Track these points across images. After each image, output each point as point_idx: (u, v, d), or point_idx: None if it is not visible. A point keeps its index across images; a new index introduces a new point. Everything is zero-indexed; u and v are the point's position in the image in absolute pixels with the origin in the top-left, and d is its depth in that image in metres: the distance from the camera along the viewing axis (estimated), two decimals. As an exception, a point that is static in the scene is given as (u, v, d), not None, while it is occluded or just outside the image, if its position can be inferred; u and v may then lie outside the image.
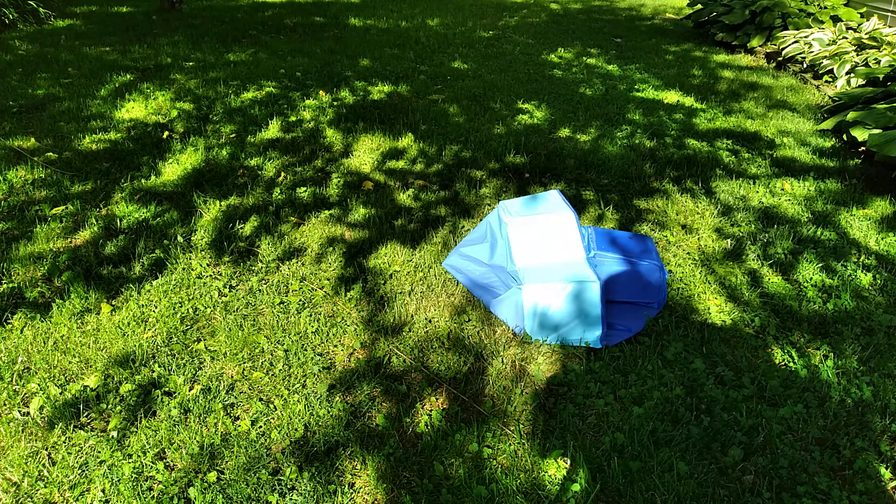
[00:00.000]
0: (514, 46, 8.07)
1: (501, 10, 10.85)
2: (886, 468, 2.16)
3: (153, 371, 2.56)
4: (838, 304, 3.00)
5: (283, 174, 4.23)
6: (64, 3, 10.28)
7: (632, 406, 2.41)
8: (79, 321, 2.84)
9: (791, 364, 2.64)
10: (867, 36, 6.35)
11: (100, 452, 2.20)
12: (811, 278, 3.19)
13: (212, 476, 2.12)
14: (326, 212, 3.77)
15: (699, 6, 8.70)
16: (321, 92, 5.93)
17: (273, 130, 4.98)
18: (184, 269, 3.21)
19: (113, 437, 2.26)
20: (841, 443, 2.26)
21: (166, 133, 4.86)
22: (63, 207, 3.73)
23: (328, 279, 3.17)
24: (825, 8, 7.47)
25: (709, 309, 2.97)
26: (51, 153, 4.45)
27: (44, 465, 2.16)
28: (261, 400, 2.44)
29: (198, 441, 2.25)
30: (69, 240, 3.46)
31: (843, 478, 2.14)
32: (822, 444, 2.27)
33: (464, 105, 5.71)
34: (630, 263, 3.16)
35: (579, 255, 2.93)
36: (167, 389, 2.48)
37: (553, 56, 7.63)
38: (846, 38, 6.51)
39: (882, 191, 4.10)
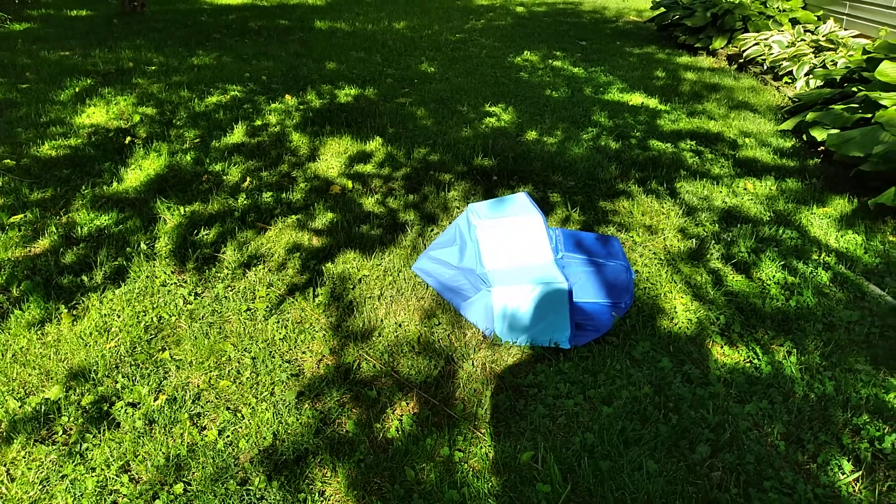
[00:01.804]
0: (481, 49, 8.11)
1: (468, 13, 10.89)
2: (848, 461, 2.20)
3: (116, 382, 2.51)
4: (800, 300, 3.05)
5: (248, 179, 4.18)
6: (20, 5, 10.05)
7: (601, 406, 2.43)
8: (38, 332, 2.77)
9: (756, 361, 2.68)
10: (824, 38, 6.50)
11: (61, 467, 2.14)
12: (774, 276, 3.25)
13: (178, 488, 2.08)
14: (293, 217, 3.74)
15: (662, 9, 8.82)
16: (287, 96, 5.88)
17: (238, 135, 4.93)
18: (147, 276, 3.15)
19: (75, 450, 2.21)
20: (805, 437, 2.30)
21: (128, 138, 4.77)
22: (21, 216, 3.64)
23: (295, 285, 3.14)
24: (784, 11, 7.63)
25: (675, 308, 3.01)
26: (8, 160, 4.34)
27: (2, 481, 2.10)
28: (228, 409, 2.40)
29: (163, 452, 2.21)
30: (28, 248, 3.37)
31: (807, 472, 2.18)
32: (787, 438, 2.31)
33: (431, 108, 5.71)
34: (597, 264, 3.19)
35: (547, 257, 2.94)
36: (131, 400, 2.43)
37: (519, 59, 7.67)
38: (804, 40, 6.66)
39: (841, 189, 4.19)
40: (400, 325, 2.87)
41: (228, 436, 2.29)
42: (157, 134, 4.89)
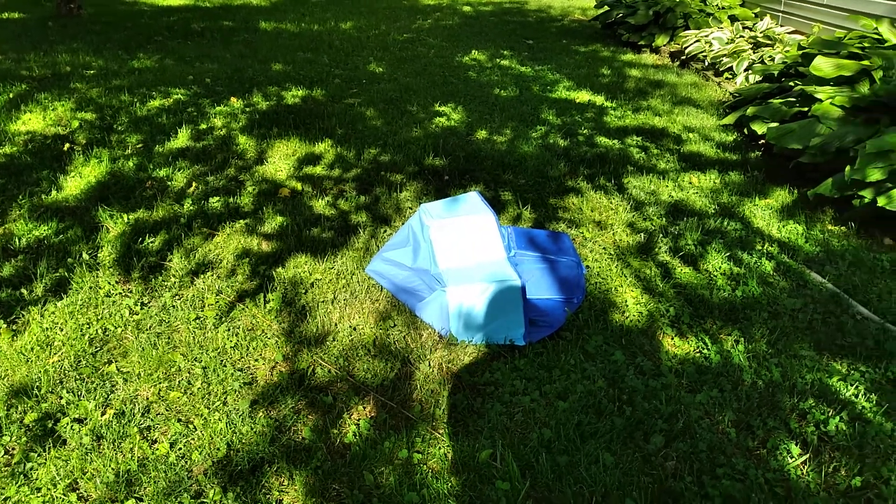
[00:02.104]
0: (429, 49, 8.10)
1: (415, 13, 10.87)
2: (796, 445, 2.27)
3: (61, 397, 2.42)
4: (746, 290, 3.14)
5: (194, 184, 4.09)
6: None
7: (557, 401, 2.45)
8: (-25, 349, 2.65)
9: (705, 350, 2.74)
10: (762, 35, 6.70)
11: (3, 489, 2.06)
12: (720, 267, 3.33)
13: (129, 504, 2.02)
14: (241, 221, 3.67)
15: (606, 7, 8.96)
16: (232, 98, 5.76)
17: (182, 139, 4.81)
18: (90, 287, 3.05)
19: (18, 470, 2.12)
20: (755, 423, 2.36)
21: (67, 145, 4.61)
22: (-47, 228, 3.49)
23: (246, 291, 3.08)
24: (723, 8, 7.84)
25: (626, 301, 3.05)
26: (-63, 170, 4.15)
27: (-60, 507, 2.01)
28: (179, 421, 2.34)
29: (113, 468, 2.14)
30: (-39, 262, 3.23)
31: (757, 457, 2.24)
32: (737, 425, 2.36)
33: (380, 108, 5.68)
34: (549, 261, 3.22)
35: (500, 255, 2.96)
36: (77, 416, 2.35)
37: (467, 58, 7.70)
38: (743, 36, 6.85)
39: (781, 181, 4.32)
40: (355, 329, 2.85)
41: (180, 448, 2.23)
42: (98, 140, 4.74)
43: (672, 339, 2.83)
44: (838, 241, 3.60)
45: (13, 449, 2.21)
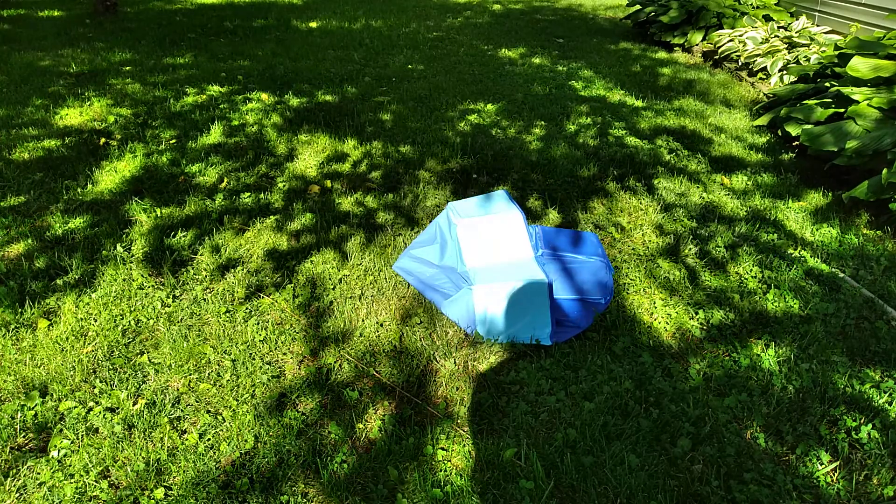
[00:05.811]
0: (459, 47, 8.10)
1: (445, 11, 10.88)
2: (826, 452, 2.23)
3: (94, 387, 2.47)
4: (778, 294, 3.09)
5: (226, 180, 4.15)
6: (-10, 6, 9.87)
7: (583, 401, 2.44)
8: (13, 338, 2.72)
9: (734, 354, 2.71)
10: (797, 34, 6.58)
11: (39, 474, 2.11)
12: (751, 270, 3.28)
13: (159, 493, 2.06)
14: (272, 217, 3.71)
15: (637, 6, 8.88)
16: (264, 95, 5.83)
17: (215, 135, 4.88)
18: (124, 279, 3.11)
19: (53, 457, 2.18)
20: (784, 429, 2.33)
21: (103, 140, 4.70)
22: (-7, 220, 3.58)
23: (275, 286, 3.11)
24: (758, 7, 7.71)
25: (654, 303, 3.03)
26: (-21, 163, 4.26)
27: (-22, 490, 2.07)
28: (208, 412, 2.38)
29: (143, 457, 2.18)
30: (1, 253, 3.32)
31: (786, 463, 2.21)
32: (766, 430, 2.33)
33: (410, 107, 5.70)
34: (577, 261, 3.20)
35: (527, 255, 2.96)
36: (110, 405, 2.40)
37: (497, 56, 7.68)
38: (777, 36, 6.74)
39: (816, 183, 4.25)
40: (381, 325, 2.86)
41: (209, 439, 2.27)
42: (133, 135, 4.82)
43: (701, 342, 2.80)
44: (873, 245, 3.53)
45: (48, 436, 2.27)
